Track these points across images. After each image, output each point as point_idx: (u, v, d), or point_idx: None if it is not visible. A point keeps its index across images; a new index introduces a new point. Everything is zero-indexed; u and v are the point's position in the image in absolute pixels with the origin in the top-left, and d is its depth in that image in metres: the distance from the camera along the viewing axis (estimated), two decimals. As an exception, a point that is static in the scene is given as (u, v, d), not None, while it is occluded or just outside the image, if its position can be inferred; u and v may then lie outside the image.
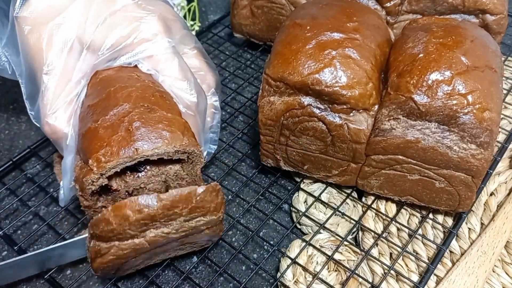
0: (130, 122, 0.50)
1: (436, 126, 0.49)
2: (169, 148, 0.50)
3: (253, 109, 0.75)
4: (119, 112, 0.50)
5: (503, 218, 0.58)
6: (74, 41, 0.52)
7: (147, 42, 0.53)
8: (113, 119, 0.50)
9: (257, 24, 0.79)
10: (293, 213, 0.63)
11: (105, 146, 0.49)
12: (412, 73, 0.49)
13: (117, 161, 0.48)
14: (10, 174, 0.67)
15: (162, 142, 0.49)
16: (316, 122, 0.53)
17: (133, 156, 0.49)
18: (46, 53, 0.52)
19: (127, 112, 0.50)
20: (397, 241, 0.58)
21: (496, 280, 0.54)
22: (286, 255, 0.56)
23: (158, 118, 0.51)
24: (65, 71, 0.53)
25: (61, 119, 0.53)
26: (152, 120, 0.51)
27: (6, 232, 0.59)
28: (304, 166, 0.59)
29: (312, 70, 0.50)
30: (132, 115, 0.50)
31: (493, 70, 0.50)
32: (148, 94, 0.52)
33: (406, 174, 0.55)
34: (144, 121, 0.50)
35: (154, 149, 0.49)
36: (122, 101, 0.51)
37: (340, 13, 0.54)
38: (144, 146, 0.49)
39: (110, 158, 0.48)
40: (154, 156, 0.50)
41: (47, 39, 0.52)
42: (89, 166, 0.48)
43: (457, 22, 0.55)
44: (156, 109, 0.52)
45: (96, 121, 0.50)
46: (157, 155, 0.50)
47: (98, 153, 0.48)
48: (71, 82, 0.53)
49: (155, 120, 0.51)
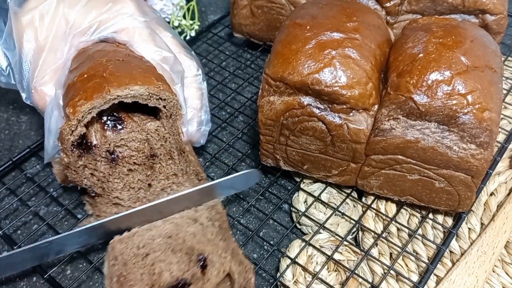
0: (105, 70, 0.51)
1: (435, 126, 0.49)
2: (142, 90, 0.50)
3: (253, 109, 0.75)
4: (95, 66, 0.52)
5: (503, 218, 0.58)
6: (61, 19, 0.57)
7: (122, 16, 0.57)
8: (90, 72, 0.51)
9: (257, 24, 0.79)
10: (293, 213, 0.63)
11: (80, 93, 0.50)
12: (412, 73, 0.49)
13: (91, 103, 0.48)
14: (10, 174, 0.67)
15: (135, 83, 0.50)
16: (316, 122, 0.53)
17: (105, 97, 0.49)
18: (40, 29, 0.57)
19: (103, 64, 0.52)
20: (397, 241, 0.58)
21: (496, 280, 0.54)
22: (286, 255, 0.56)
23: (134, 66, 0.52)
24: (52, 45, 0.57)
25: (48, 85, 0.56)
26: (127, 68, 0.52)
27: (6, 232, 0.59)
28: (303, 166, 0.59)
29: (312, 70, 0.50)
30: (108, 65, 0.52)
31: (493, 70, 0.50)
32: (125, 53, 0.54)
33: (406, 174, 0.55)
34: (119, 69, 0.51)
35: (126, 89, 0.49)
36: (99, 58, 0.52)
37: (340, 13, 0.54)
38: (117, 88, 0.50)
39: (84, 102, 0.49)
40: (128, 97, 0.50)
41: (39, 18, 0.57)
42: (67, 115, 0.49)
43: (457, 22, 0.55)
44: (132, 62, 0.53)
45: (74, 77, 0.52)
46: (131, 97, 0.50)
47: (74, 100, 0.49)
48: (57, 54, 0.57)
49: (130, 67, 0.52)
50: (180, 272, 0.49)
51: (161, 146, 0.55)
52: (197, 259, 0.50)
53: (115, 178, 0.55)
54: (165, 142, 0.55)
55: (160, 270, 0.49)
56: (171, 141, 0.55)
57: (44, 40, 0.57)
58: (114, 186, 0.55)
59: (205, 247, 0.51)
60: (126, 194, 0.56)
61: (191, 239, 0.51)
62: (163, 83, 0.53)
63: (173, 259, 0.50)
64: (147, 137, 0.54)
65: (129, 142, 0.53)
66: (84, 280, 0.56)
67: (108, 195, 0.55)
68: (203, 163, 0.67)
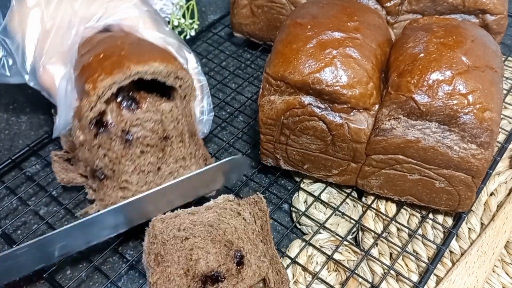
0: (122, 50, 0.52)
1: (436, 126, 0.49)
2: (161, 67, 0.51)
3: (253, 109, 0.75)
4: (110, 47, 0.53)
5: (503, 218, 0.58)
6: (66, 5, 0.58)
7: (127, 5, 0.59)
8: (106, 52, 0.52)
9: (257, 23, 0.79)
10: (293, 213, 0.63)
11: (99, 70, 0.50)
12: (413, 72, 0.49)
13: (112, 78, 0.49)
14: (10, 173, 0.67)
15: (154, 61, 0.51)
16: (317, 121, 0.53)
17: (125, 72, 0.49)
18: (46, 13, 0.57)
19: (119, 46, 0.53)
20: (397, 241, 0.58)
21: (496, 280, 0.54)
22: (286, 255, 0.56)
23: (150, 46, 0.54)
24: (58, 30, 0.58)
25: (56, 65, 0.57)
26: (144, 47, 0.53)
27: (6, 231, 0.58)
28: (304, 166, 0.59)
29: (313, 69, 0.50)
30: (124, 46, 0.53)
31: (494, 70, 0.50)
32: (136, 37, 0.55)
33: (406, 174, 0.54)
34: (136, 47, 0.53)
35: (146, 65, 0.50)
36: (112, 42, 0.54)
37: (340, 13, 0.54)
38: (136, 64, 0.50)
39: (104, 77, 0.49)
40: (148, 74, 0.51)
41: (44, 3, 0.58)
42: (86, 91, 0.49)
43: (458, 22, 0.55)
44: (147, 43, 0.55)
45: (89, 58, 0.52)
46: (151, 73, 0.51)
47: (93, 77, 0.49)
48: (63, 39, 0.58)
49: (147, 47, 0.54)
50: (216, 264, 0.49)
51: (174, 128, 0.56)
52: (235, 255, 0.50)
53: (127, 160, 0.55)
54: (178, 124, 0.56)
55: (198, 257, 0.50)
56: (184, 123, 0.56)
57: (50, 24, 0.57)
58: (125, 169, 0.55)
59: (245, 244, 0.51)
60: (135, 178, 0.55)
61: (232, 233, 0.52)
62: (178, 63, 0.54)
63: (211, 249, 0.50)
64: (161, 118, 0.55)
65: (144, 122, 0.54)
66: (84, 280, 0.56)
67: (118, 178, 0.55)
68: (203, 163, 0.67)
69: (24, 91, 0.80)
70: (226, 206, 0.54)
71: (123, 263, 0.57)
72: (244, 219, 0.53)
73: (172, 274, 0.49)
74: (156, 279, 0.48)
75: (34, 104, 0.78)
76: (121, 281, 0.56)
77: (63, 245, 0.51)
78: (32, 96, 0.79)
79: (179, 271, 0.49)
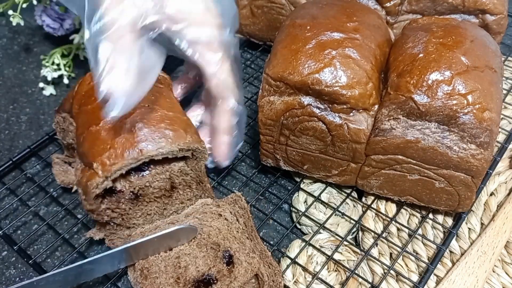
0: (133, 123, 0.50)
1: (436, 126, 0.49)
2: (173, 147, 0.50)
3: (253, 109, 0.75)
4: None
5: (503, 218, 0.58)
6: None
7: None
8: (115, 121, 0.49)
9: (257, 24, 0.79)
10: (293, 213, 0.63)
11: (109, 148, 0.48)
12: (412, 73, 0.49)
13: (123, 163, 0.48)
14: (10, 174, 0.67)
15: (166, 142, 0.49)
16: (316, 122, 0.53)
17: (138, 157, 0.48)
18: None
19: (129, 114, 0.50)
20: (397, 241, 0.58)
21: (496, 280, 0.54)
22: (286, 255, 0.56)
23: (160, 117, 0.51)
24: None
25: None
26: (154, 120, 0.50)
27: (6, 232, 0.59)
28: (304, 166, 0.59)
29: (312, 70, 0.50)
30: (134, 116, 0.50)
31: (493, 70, 0.50)
32: (148, 94, 0.52)
33: (406, 174, 0.55)
34: (146, 122, 0.50)
35: (158, 149, 0.49)
36: None
37: (340, 13, 0.54)
38: (149, 146, 0.49)
39: (115, 160, 0.48)
40: (159, 156, 0.50)
41: None
42: (94, 170, 0.48)
43: (457, 22, 0.55)
44: (157, 108, 0.52)
45: (97, 124, 0.50)
46: (162, 155, 0.50)
47: (103, 156, 0.48)
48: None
49: (157, 120, 0.51)
50: (206, 267, 0.50)
51: (182, 180, 0.55)
52: (223, 256, 0.50)
53: (135, 211, 0.55)
54: (186, 176, 0.55)
55: (186, 263, 0.50)
56: (193, 176, 0.56)
57: None
58: (133, 215, 0.55)
59: (231, 244, 0.51)
60: (141, 219, 0.56)
61: (216, 235, 0.52)
62: (191, 133, 0.52)
63: (198, 254, 0.51)
64: (170, 175, 0.54)
65: (153, 183, 0.53)
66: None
67: (126, 223, 0.55)
68: (203, 163, 0.67)
69: (25, 91, 0.80)
70: (205, 210, 0.55)
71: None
72: (226, 219, 0.53)
73: (162, 284, 0.49)
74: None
75: (34, 104, 0.78)
76: (121, 281, 0.56)
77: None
78: (32, 96, 0.80)
79: (169, 280, 0.49)
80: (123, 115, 0.47)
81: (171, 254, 0.51)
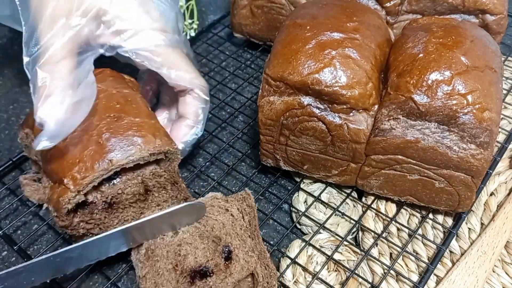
0: (99, 135, 0.49)
1: (436, 126, 0.49)
2: (143, 153, 0.50)
3: (253, 109, 0.75)
4: (86, 127, 0.50)
5: (503, 218, 0.58)
6: None
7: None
8: (81, 134, 0.50)
9: (257, 24, 0.79)
10: (293, 213, 0.63)
11: (78, 162, 0.48)
12: (412, 73, 0.49)
13: (94, 176, 0.48)
14: (10, 174, 0.67)
15: (135, 149, 0.49)
16: (316, 122, 0.53)
17: (108, 168, 0.48)
18: None
19: (95, 126, 0.50)
20: (397, 241, 0.58)
21: (496, 280, 0.54)
22: (286, 255, 0.56)
23: (127, 125, 0.51)
24: None
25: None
26: (121, 129, 0.50)
27: (6, 231, 0.59)
28: (304, 166, 0.59)
29: (312, 70, 0.50)
30: (100, 127, 0.50)
31: (493, 70, 0.50)
32: (113, 103, 0.52)
33: (406, 174, 0.55)
34: (113, 131, 0.50)
35: (128, 157, 0.49)
36: (88, 116, 0.50)
37: (340, 13, 0.54)
38: (118, 156, 0.49)
39: (85, 173, 0.48)
40: (130, 163, 0.50)
41: None
42: (65, 185, 0.48)
43: (457, 22, 0.55)
44: (123, 116, 0.52)
45: (64, 140, 0.49)
46: (133, 162, 0.50)
47: (73, 171, 0.48)
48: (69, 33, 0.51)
49: (123, 128, 0.50)
50: (205, 259, 0.50)
51: (156, 183, 0.55)
52: (223, 250, 0.51)
53: (111, 219, 0.55)
54: (160, 178, 0.55)
55: (186, 252, 0.50)
56: (166, 177, 0.55)
57: None
58: (110, 223, 0.55)
59: (233, 240, 0.52)
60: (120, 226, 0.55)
61: (219, 229, 0.52)
62: (160, 136, 0.52)
63: (199, 245, 0.51)
64: (142, 179, 0.54)
65: (125, 189, 0.53)
66: (84, 280, 0.56)
67: (105, 230, 0.55)
68: (203, 163, 0.67)
69: (25, 91, 0.80)
70: (213, 203, 0.55)
71: (123, 263, 0.57)
72: (232, 215, 0.54)
73: (160, 269, 0.49)
74: (145, 273, 0.49)
75: (35, 104, 0.78)
76: (121, 281, 0.56)
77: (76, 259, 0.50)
78: (33, 97, 0.79)
79: (168, 265, 0.50)
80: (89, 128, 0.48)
81: (174, 240, 0.51)
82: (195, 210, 0.53)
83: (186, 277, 0.49)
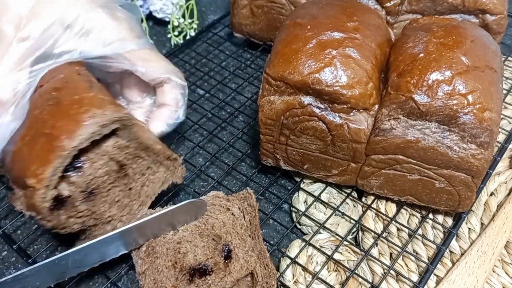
0: (45, 125, 0.49)
1: (436, 126, 0.49)
2: (92, 128, 0.48)
3: (253, 109, 0.75)
4: (30, 123, 0.50)
5: (503, 218, 0.58)
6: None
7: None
8: (29, 132, 0.49)
9: (257, 23, 0.79)
10: (293, 213, 0.63)
11: (34, 160, 0.48)
12: (413, 73, 0.49)
13: (53, 166, 0.47)
14: (10, 173, 0.67)
15: (84, 127, 0.48)
16: (316, 121, 0.53)
17: (63, 155, 0.47)
18: None
19: (37, 118, 0.50)
20: (397, 241, 0.58)
21: (496, 280, 0.54)
22: (286, 255, 0.56)
23: (68, 106, 0.49)
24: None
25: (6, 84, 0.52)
26: (63, 111, 0.49)
27: (6, 231, 0.58)
28: (304, 166, 0.59)
29: (313, 70, 0.50)
30: (42, 118, 0.49)
31: (493, 70, 0.50)
32: (49, 91, 0.51)
33: (406, 174, 0.54)
34: (56, 117, 0.49)
35: (77, 136, 0.47)
36: (29, 112, 0.50)
37: (340, 13, 0.54)
38: (67, 140, 0.47)
39: (44, 167, 0.47)
40: (84, 142, 0.48)
41: None
42: (31, 186, 0.47)
43: (457, 22, 0.55)
44: (63, 99, 0.50)
45: (16, 143, 0.49)
46: (86, 140, 0.48)
47: (32, 169, 0.47)
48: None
49: (65, 110, 0.49)
50: (204, 257, 0.50)
51: (126, 154, 0.54)
52: (222, 249, 0.51)
53: (99, 206, 0.53)
54: (128, 149, 0.54)
55: (186, 250, 0.51)
56: (133, 145, 0.54)
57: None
58: (102, 210, 0.54)
59: (233, 239, 0.52)
60: (114, 210, 0.55)
61: (220, 227, 0.53)
62: (105, 106, 0.50)
63: (199, 243, 0.51)
64: (109, 157, 0.52)
65: (97, 172, 0.52)
66: (84, 280, 0.56)
67: (101, 220, 0.54)
68: (203, 163, 0.67)
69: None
70: (215, 202, 0.55)
71: (123, 263, 0.57)
72: (233, 214, 0.54)
73: (160, 266, 0.50)
74: (145, 269, 0.49)
75: (34, 104, 0.78)
76: (121, 281, 0.56)
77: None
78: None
79: (167, 263, 0.50)
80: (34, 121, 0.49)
81: (174, 238, 0.52)
82: (196, 208, 0.53)
83: (185, 274, 0.49)
